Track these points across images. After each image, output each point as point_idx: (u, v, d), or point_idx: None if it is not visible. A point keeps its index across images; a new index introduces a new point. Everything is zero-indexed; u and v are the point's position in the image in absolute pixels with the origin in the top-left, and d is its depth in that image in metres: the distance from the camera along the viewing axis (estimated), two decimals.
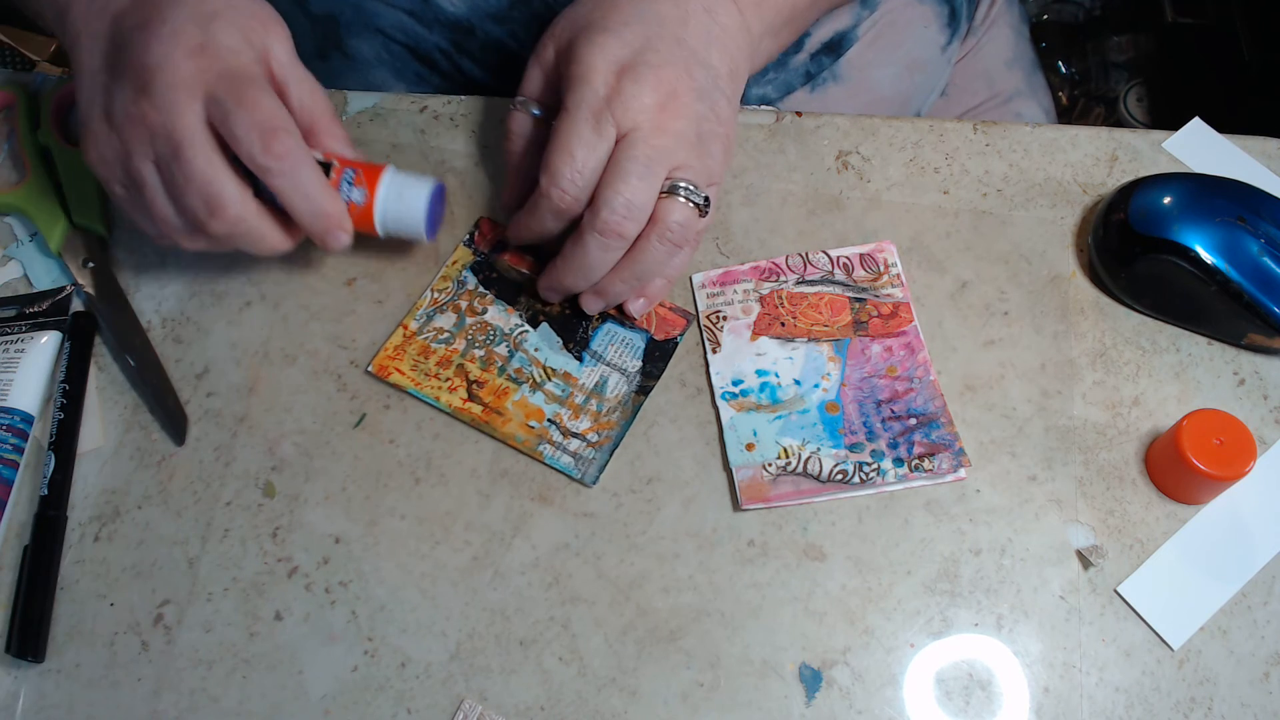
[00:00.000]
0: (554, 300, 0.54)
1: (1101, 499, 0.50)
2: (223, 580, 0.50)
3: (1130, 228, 0.52)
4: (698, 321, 0.55)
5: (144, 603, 0.50)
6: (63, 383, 0.54)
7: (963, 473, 0.51)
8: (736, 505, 0.50)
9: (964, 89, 0.76)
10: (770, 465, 0.51)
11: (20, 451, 0.52)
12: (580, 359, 0.54)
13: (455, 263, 0.56)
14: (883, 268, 0.55)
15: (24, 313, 0.56)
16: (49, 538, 0.51)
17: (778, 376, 0.53)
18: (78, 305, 0.57)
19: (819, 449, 0.51)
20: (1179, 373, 0.53)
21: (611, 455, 0.51)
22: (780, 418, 0.52)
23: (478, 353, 0.54)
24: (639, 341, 0.54)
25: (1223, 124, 0.58)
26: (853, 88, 0.69)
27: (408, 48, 0.63)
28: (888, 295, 0.54)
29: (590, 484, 0.51)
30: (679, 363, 0.54)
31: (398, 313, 0.55)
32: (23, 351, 0.54)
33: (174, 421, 0.53)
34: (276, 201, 0.49)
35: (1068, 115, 1.09)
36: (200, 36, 0.47)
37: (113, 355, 0.56)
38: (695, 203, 0.49)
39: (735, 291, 0.55)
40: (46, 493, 0.51)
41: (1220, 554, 0.49)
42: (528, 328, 0.54)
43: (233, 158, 0.47)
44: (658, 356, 0.54)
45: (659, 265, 0.50)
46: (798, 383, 0.53)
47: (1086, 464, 0.51)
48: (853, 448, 0.51)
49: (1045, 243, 0.56)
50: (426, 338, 0.54)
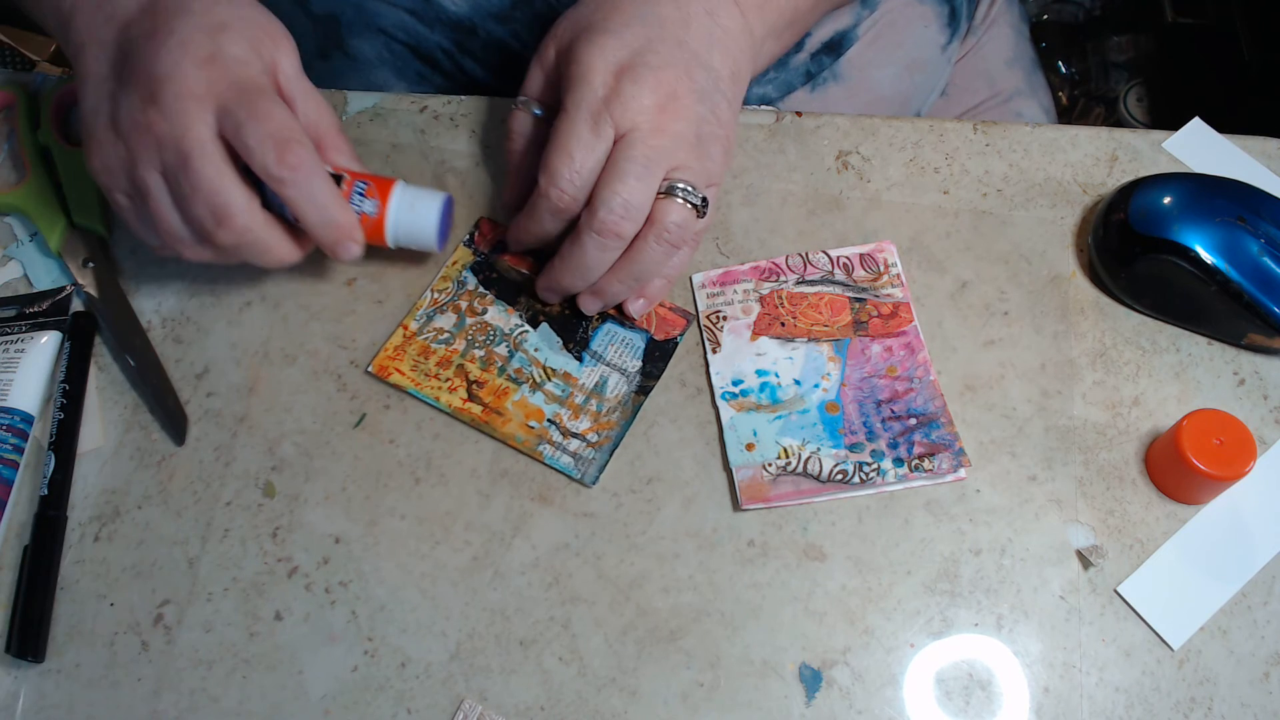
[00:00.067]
0: (553, 301, 0.54)
1: (1101, 499, 0.50)
2: (223, 580, 0.50)
3: (1130, 228, 0.52)
4: (698, 321, 0.55)
5: (144, 603, 0.50)
6: (63, 383, 0.54)
7: (963, 473, 0.51)
8: (736, 505, 0.50)
9: (964, 88, 0.76)
10: (770, 465, 0.51)
11: (20, 451, 0.52)
12: (580, 359, 0.54)
13: (455, 263, 0.56)
14: (883, 268, 0.55)
15: (24, 313, 0.56)
16: (49, 538, 0.51)
17: (778, 376, 0.53)
18: (78, 305, 0.57)
19: (819, 449, 0.51)
20: (1179, 373, 0.53)
21: (611, 455, 0.51)
22: (780, 418, 0.52)
23: (478, 353, 0.54)
24: (639, 341, 0.54)
25: (1223, 124, 0.58)
26: (853, 87, 0.69)
27: (409, 47, 0.63)
28: (888, 295, 0.54)
29: (590, 484, 0.51)
30: (679, 363, 0.54)
31: (398, 313, 0.55)
32: (23, 351, 0.54)
33: (174, 421, 0.53)
34: (284, 214, 0.49)
35: (1068, 115, 1.09)
36: (210, 47, 0.47)
37: (113, 355, 0.56)
38: (693, 204, 0.49)
39: (735, 291, 0.55)
40: (46, 493, 0.51)
41: (1220, 554, 0.49)
42: (528, 328, 0.54)
43: (240, 169, 0.47)
44: (658, 356, 0.54)
45: (657, 266, 0.50)
46: (798, 383, 0.53)
47: (1086, 464, 0.51)
48: (853, 448, 0.51)
49: (1045, 243, 0.56)
50: (426, 338, 0.54)
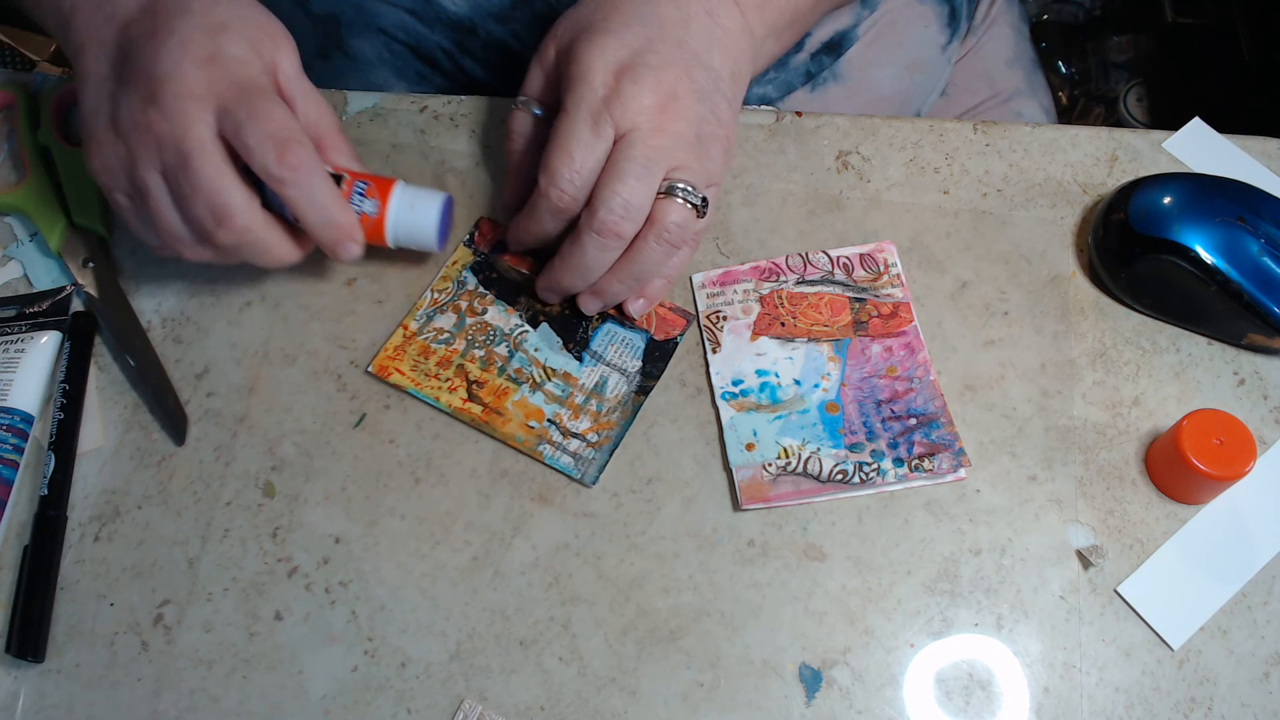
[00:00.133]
0: (553, 301, 0.54)
1: (1101, 499, 0.50)
2: (223, 580, 0.50)
3: (1130, 228, 0.52)
4: (698, 321, 0.55)
5: (144, 603, 0.50)
6: (63, 383, 0.54)
7: (963, 473, 0.51)
8: (736, 505, 0.50)
9: (964, 88, 0.76)
10: (770, 465, 0.51)
11: (20, 451, 0.52)
12: (580, 359, 0.54)
13: (455, 263, 0.56)
14: (883, 268, 0.55)
15: (24, 313, 0.56)
16: (49, 538, 0.51)
17: (778, 376, 0.53)
18: (78, 305, 0.57)
19: (819, 449, 0.51)
20: (1179, 373, 0.53)
21: (611, 455, 0.51)
22: (780, 418, 0.52)
23: (478, 353, 0.54)
24: (639, 341, 0.54)
25: (1223, 124, 0.58)
26: (853, 87, 0.69)
27: (409, 47, 0.63)
28: (888, 295, 0.54)
29: (590, 484, 0.51)
30: (679, 363, 0.54)
31: (398, 313, 0.55)
32: (23, 351, 0.54)
33: (174, 421, 0.53)
34: (284, 214, 0.49)
35: (1068, 115, 1.09)
36: (210, 47, 0.47)
37: (113, 355, 0.56)
38: (693, 204, 0.49)
39: (735, 291, 0.55)
40: (46, 493, 0.51)
41: (1220, 554, 0.49)
42: (528, 328, 0.54)
43: (240, 169, 0.47)
44: (658, 356, 0.54)
45: (656, 266, 0.50)
46: (798, 383, 0.53)
47: (1086, 464, 0.51)
48: (853, 448, 0.51)
49: (1045, 243, 0.56)
50: (426, 338, 0.54)
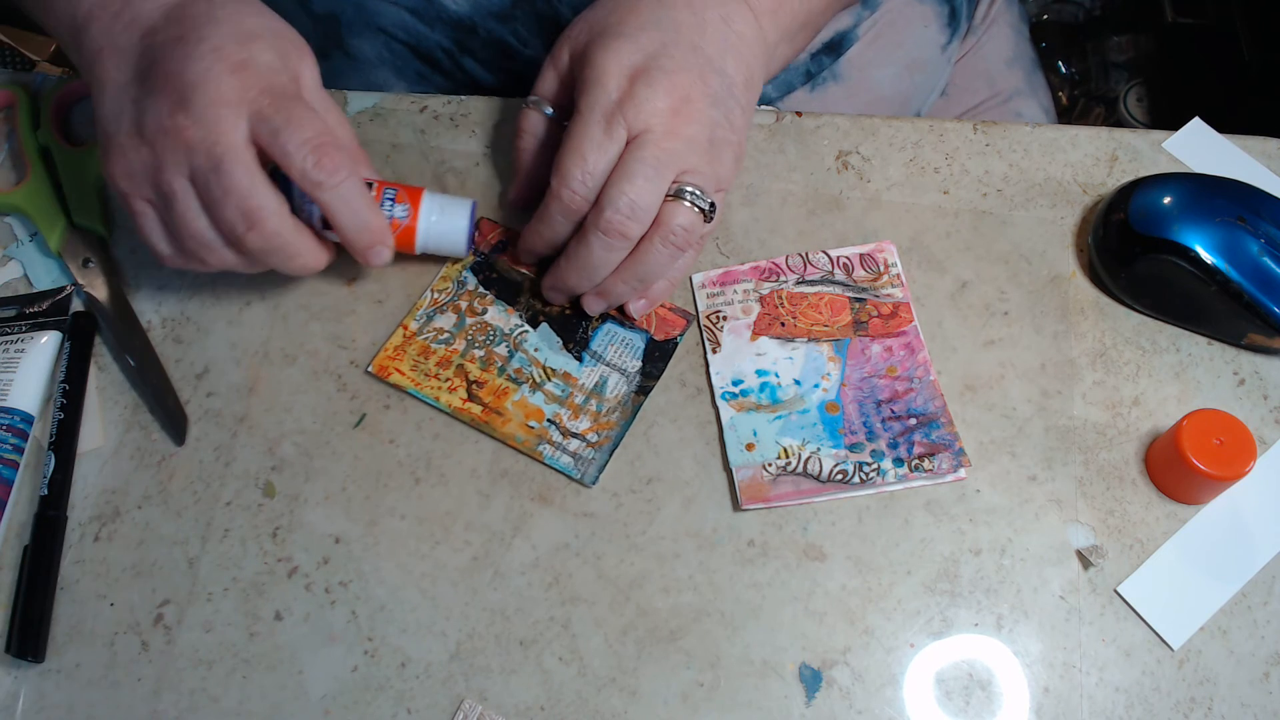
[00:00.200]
0: (557, 301, 0.54)
1: (1101, 499, 0.50)
2: (223, 580, 0.50)
3: (1130, 228, 0.52)
4: (698, 321, 0.55)
5: (144, 603, 0.50)
6: (63, 383, 0.54)
7: (963, 473, 0.51)
8: (736, 505, 0.50)
9: (964, 88, 0.76)
10: (770, 465, 0.51)
11: (20, 451, 0.52)
12: (580, 359, 0.54)
13: (455, 263, 0.56)
14: (883, 268, 0.55)
15: (24, 313, 0.56)
16: (49, 538, 0.51)
17: (778, 376, 0.53)
18: (78, 305, 0.57)
19: (819, 449, 0.51)
20: (1179, 373, 0.53)
21: (611, 455, 0.51)
22: (780, 418, 0.52)
23: (478, 353, 0.54)
24: (639, 342, 0.54)
25: (1223, 124, 0.58)
26: (853, 87, 0.69)
27: (409, 46, 0.63)
28: (888, 295, 0.54)
29: (590, 484, 0.51)
30: (679, 363, 0.54)
31: (398, 313, 0.55)
32: (23, 351, 0.54)
33: (174, 421, 0.53)
34: (310, 221, 0.50)
35: (1068, 115, 1.08)
36: (241, 54, 0.47)
37: (113, 355, 0.56)
38: (700, 208, 0.49)
39: (735, 291, 0.55)
40: (46, 493, 0.51)
41: (1220, 554, 0.49)
42: (527, 328, 0.54)
43: (269, 174, 0.48)
44: (657, 357, 0.54)
45: (661, 267, 0.50)
46: (798, 383, 0.53)
47: (1086, 464, 0.51)
48: (853, 448, 0.51)
49: (1045, 243, 0.56)
50: (426, 338, 0.54)
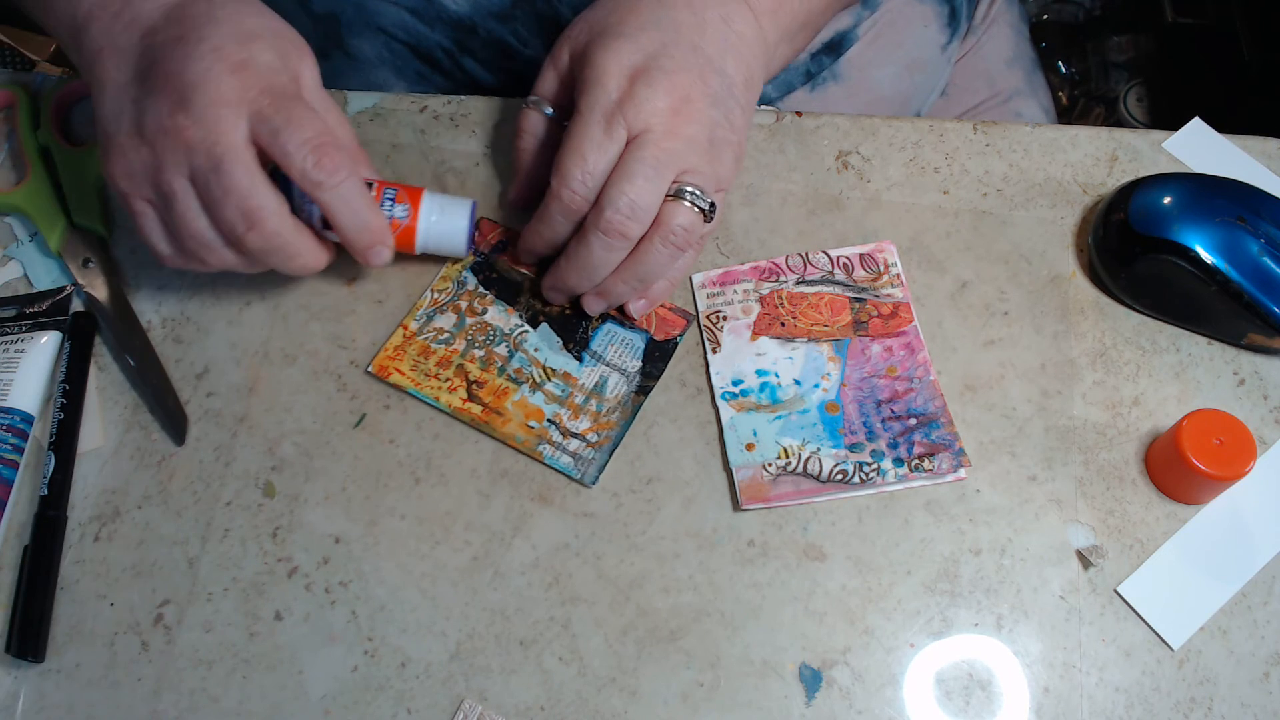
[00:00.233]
0: (558, 301, 0.54)
1: (1101, 499, 0.50)
2: (223, 580, 0.50)
3: (1130, 228, 0.52)
4: (698, 321, 0.55)
5: (144, 603, 0.50)
6: (63, 383, 0.54)
7: (963, 473, 0.51)
8: (736, 505, 0.50)
9: (964, 88, 0.76)
10: (770, 465, 0.51)
11: (20, 451, 0.52)
12: (580, 359, 0.54)
13: (455, 263, 0.56)
14: (883, 268, 0.55)
15: (24, 313, 0.56)
16: (49, 538, 0.51)
17: (778, 376, 0.53)
18: (78, 305, 0.57)
19: (819, 449, 0.51)
20: (1179, 373, 0.53)
21: (611, 455, 0.51)
22: (780, 418, 0.52)
23: (478, 353, 0.54)
24: (639, 342, 0.54)
25: (1223, 124, 0.58)
26: (853, 87, 0.69)
27: (409, 46, 0.63)
28: (888, 295, 0.54)
29: (590, 484, 0.51)
30: (679, 363, 0.54)
31: (398, 313, 0.55)
32: (23, 351, 0.54)
33: (174, 421, 0.53)
34: (310, 221, 0.50)
35: (1068, 115, 1.08)
36: (241, 54, 0.47)
37: (113, 355, 0.56)
38: (700, 208, 0.49)
39: (735, 291, 0.55)
40: (46, 493, 0.51)
41: (1220, 554, 0.49)
42: (527, 328, 0.54)
43: (269, 175, 0.48)
44: (657, 357, 0.54)
45: (661, 268, 0.50)
46: (798, 383, 0.53)
47: (1086, 464, 0.51)
48: (853, 448, 0.51)
49: (1045, 243, 0.56)
50: (426, 338, 0.54)
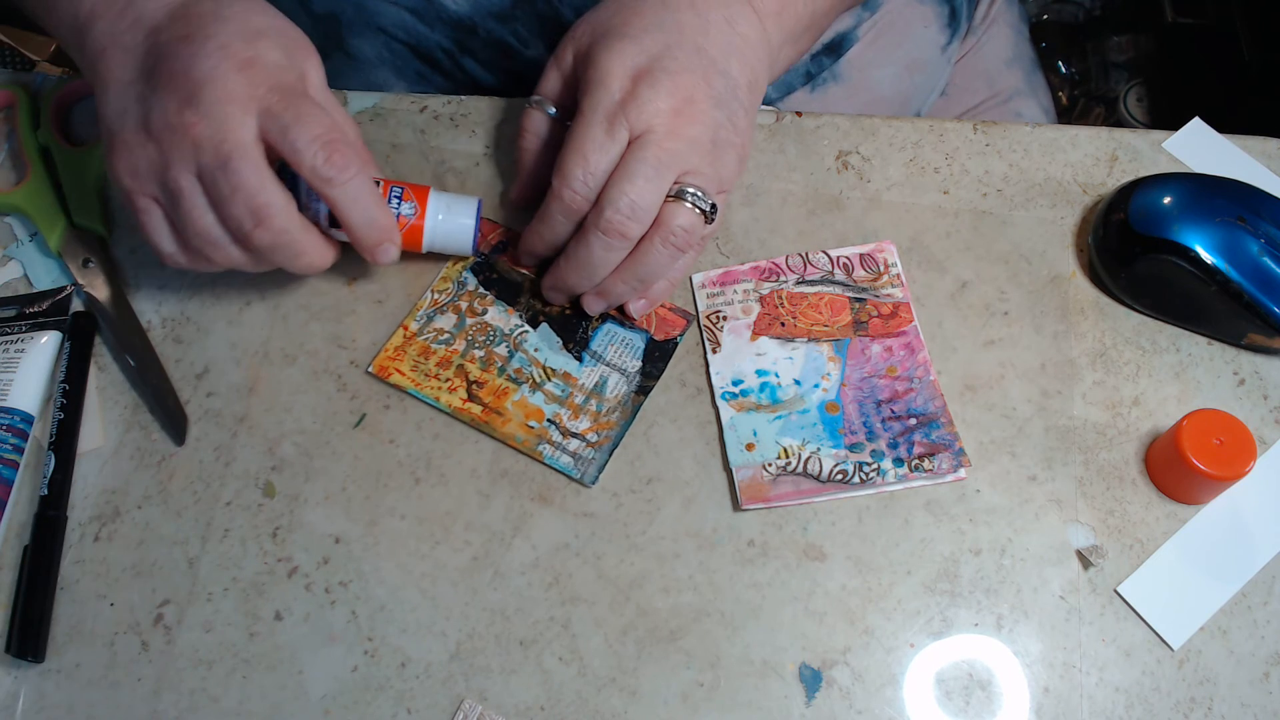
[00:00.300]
0: (558, 301, 0.54)
1: (1101, 499, 0.50)
2: (223, 580, 0.50)
3: (1130, 228, 0.52)
4: (698, 321, 0.55)
5: (144, 603, 0.50)
6: (63, 383, 0.54)
7: (963, 473, 0.51)
8: (736, 505, 0.50)
9: (964, 88, 0.76)
10: (770, 465, 0.51)
11: (20, 451, 0.52)
12: (580, 359, 0.54)
13: (455, 263, 0.56)
14: (883, 268, 0.55)
15: (24, 313, 0.56)
16: (49, 538, 0.51)
17: (778, 376, 0.53)
18: (78, 305, 0.57)
19: (819, 449, 0.51)
20: (1179, 373, 0.53)
21: (611, 455, 0.51)
22: (780, 418, 0.52)
23: (478, 353, 0.54)
24: (639, 342, 0.54)
25: (1223, 124, 0.58)
26: (853, 87, 0.69)
27: (409, 46, 0.63)
28: (888, 295, 0.54)
29: (590, 484, 0.51)
30: (679, 363, 0.54)
31: (398, 313, 0.55)
32: (23, 351, 0.54)
33: (174, 421, 0.53)
34: (317, 220, 0.50)
35: (1068, 115, 1.08)
36: (249, 52, 0.47)
37: (113, 355, 0.56)
38: (701, 209, 0.49)
39: (735, 291, 0.55)
40: (46, 493, 0.51)
41: (1220, 554, 0.49)
42: (527, 328, 0.54)
43: (277, 171, 0.48)
44: (657, 356, 0.54)
45: (661, 268, 0.50)
46: (798, 383, 0.53)
47: (1086, 464, 0.51)
48: (853, 448, 0.51)
49: (1045, 243, 0.56)
50: (427, 338, 0.54)
